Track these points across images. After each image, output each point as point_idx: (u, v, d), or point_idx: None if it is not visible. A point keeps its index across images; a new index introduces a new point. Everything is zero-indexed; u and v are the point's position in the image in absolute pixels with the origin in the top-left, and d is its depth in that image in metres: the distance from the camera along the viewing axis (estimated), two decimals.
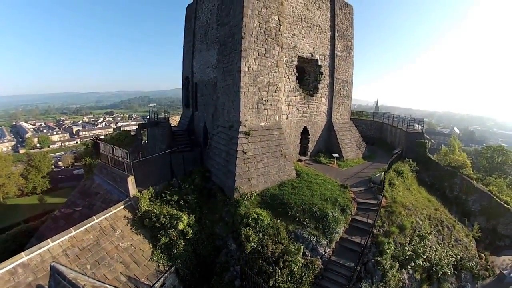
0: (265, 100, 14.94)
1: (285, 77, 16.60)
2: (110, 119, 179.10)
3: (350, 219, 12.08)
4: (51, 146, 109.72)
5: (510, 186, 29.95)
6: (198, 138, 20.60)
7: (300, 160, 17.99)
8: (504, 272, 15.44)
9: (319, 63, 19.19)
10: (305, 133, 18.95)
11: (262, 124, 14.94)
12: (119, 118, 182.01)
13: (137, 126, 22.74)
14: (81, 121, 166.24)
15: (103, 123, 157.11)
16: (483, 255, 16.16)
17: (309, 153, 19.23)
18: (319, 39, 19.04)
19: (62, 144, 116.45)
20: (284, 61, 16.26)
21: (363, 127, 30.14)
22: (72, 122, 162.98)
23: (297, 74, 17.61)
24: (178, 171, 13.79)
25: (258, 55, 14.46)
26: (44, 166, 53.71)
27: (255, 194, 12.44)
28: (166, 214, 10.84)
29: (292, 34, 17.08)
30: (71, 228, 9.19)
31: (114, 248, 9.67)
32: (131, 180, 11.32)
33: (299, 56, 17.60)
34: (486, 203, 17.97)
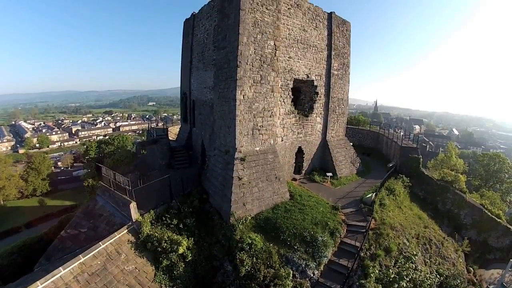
0: (260, 126, 15.11)
1: (280, 101, 16.64)
2: (109, 118, 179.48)
3: (339, 242, 12.75)
4: (50, 146, 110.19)
5: (506, 194, 30.51)
6: (196, 154, 20.76)
7: (294, 179, 18.44)
8: (491, 287, 15.43)
9: (315, 83, 19.14)
10: (300, 152, 19.16)
11: (257, 148, 15.17)
12: (118, 118, 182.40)
13: (137, 144, 23.37)
14: (80, 121, 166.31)
15: (102, 123, 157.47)
16: (471, 269, 16.61)
17: (303, 172, 19.50)
18: (315, 60, 18.83)
19: (62, 144, 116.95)
20: (279, 85, 16.21)
21: (360, 137, 30.89)
22: (71, 121, 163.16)
23: (292, 96, 17.64)
24: (177, 189, 14.26)
25: (254, 82, 14.47)
26: (44, 168, 54.27)
27: (249, 218, 13.07)
28: (167, 239, 11.53)
29: (288, 57, 16.91)
30: (80, 255, 9.88)
31: (120, 272, 10.40)
32: (133, 206, 11.97)
33: (294, 79, 17.54)
34: (478, 216, 18.38)
